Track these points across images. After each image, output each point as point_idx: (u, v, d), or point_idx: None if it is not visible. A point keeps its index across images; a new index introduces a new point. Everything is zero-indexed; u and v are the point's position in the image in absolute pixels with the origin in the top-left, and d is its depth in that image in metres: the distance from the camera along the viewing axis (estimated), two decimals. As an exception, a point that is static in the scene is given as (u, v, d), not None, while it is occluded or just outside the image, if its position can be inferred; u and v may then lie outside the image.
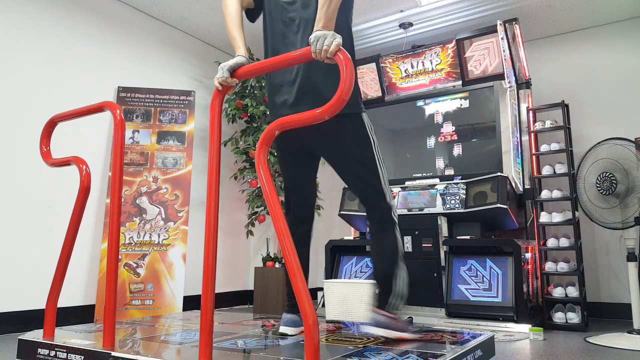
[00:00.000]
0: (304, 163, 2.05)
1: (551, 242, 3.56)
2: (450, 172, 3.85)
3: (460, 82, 3.95)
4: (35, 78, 3.34)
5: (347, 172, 1.95)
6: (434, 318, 3.43)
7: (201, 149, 4.41)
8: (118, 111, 1.85)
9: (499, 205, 3.32)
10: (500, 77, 3.72)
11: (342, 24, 1.82)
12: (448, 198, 3.57)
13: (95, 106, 1.95)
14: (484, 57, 3.78)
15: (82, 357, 1.65)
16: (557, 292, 3.44)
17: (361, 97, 1.96)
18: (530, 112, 3.81)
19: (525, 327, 3.06)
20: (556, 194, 3.58)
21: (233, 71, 1.67)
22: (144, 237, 3.67)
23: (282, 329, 1.99)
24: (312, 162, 2.08)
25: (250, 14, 2.05)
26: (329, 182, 4.68)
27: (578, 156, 3.43)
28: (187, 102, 4.03)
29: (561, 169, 3.60)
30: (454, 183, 3.63)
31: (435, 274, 3.55)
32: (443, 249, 3.54)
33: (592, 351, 2.60)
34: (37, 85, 3.35)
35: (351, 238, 4.18)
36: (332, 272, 3.99)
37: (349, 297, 3.20)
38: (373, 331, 1.87)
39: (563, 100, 3.71)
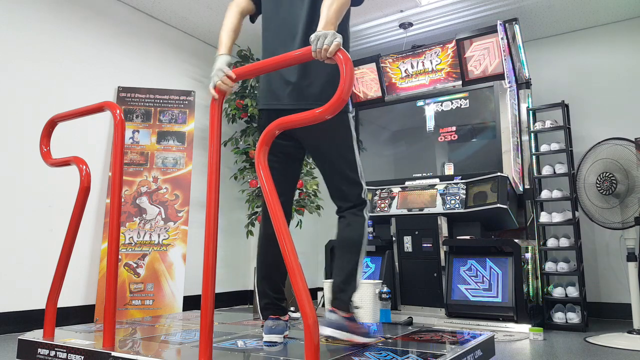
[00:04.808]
0: (292, 158, 2.00)
1: (551, 242, 3.56)
2: (450, 172, 3.84)
3: (460, 82, 3.95)
4: (35, 78, 3.34)
5: (328, 164, 1.95)
6: (434, 318, 3.43)
7: (201, 149, 4.41)
8: (118, 111, 1.86)
9: (499, 205, 3.32)
10: (500, 77, 3.71)
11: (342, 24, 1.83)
12: (448, 198, 3.57)
13: (95, 106, 1.95)
14: (484, 57, 3.77)
15: (82, 357, 1.65)
16: (557, 292, 3.44)
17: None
18: (530, 112, 3.81)
19: (525, 327, 3.06)
20: (556, 194, 3.58)
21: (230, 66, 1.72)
22: (144, 237, 3.67)
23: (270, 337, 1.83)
24: (300, 158, 2.04)
25: (252, 17, 2.09)
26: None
27: (578, 156, 3.43)
28: (187, 102, 4.03)
29: (561, 169, 3.59)
30: (454, 183, 3.63)
31: (435, 274, 3.55)
32: (443, 249, 3.54)
33: (592, 351, 2.60)
34: (37, 85, 3.34)
35: (351, 238, 4.17)
36: (332, 272, 3.98)
37: (349, 297, 3.20)
38: (325, 332, 1.72)
39: (563, 100, 3.71)
